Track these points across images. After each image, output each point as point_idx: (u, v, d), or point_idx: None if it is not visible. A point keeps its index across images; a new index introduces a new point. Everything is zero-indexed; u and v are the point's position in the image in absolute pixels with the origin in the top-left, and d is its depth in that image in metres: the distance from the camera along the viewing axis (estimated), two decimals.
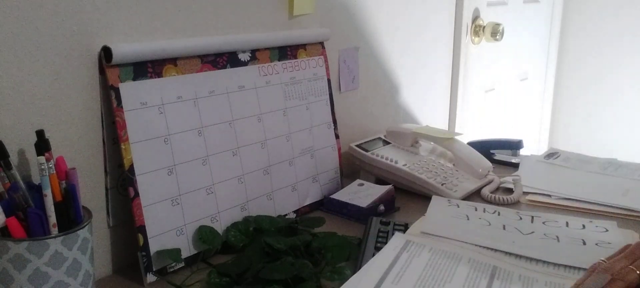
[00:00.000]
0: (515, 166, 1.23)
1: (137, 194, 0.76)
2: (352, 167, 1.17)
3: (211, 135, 0.85)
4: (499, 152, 1.29)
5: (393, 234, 0.83)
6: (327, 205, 1.02)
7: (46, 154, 0.63)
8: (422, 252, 0.78)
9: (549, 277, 0.73)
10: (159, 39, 0.82)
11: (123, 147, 0.75)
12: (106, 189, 0.79)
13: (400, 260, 0.76)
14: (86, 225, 0.64)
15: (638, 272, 0.60)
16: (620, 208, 0.98)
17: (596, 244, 0.82)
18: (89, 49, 0.74)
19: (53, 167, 0.64)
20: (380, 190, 1.01)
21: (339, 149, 1.09)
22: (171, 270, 0.79)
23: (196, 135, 0.83)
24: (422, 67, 1.49)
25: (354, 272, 0.74)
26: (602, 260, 0.64)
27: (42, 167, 0.62)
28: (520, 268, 0.75)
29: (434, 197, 1.01)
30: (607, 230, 0.88)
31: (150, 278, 0.77)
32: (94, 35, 0.74)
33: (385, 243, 0.81)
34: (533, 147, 2.38)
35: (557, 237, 0.84)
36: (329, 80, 1.07)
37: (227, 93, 0.89)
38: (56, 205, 0.63)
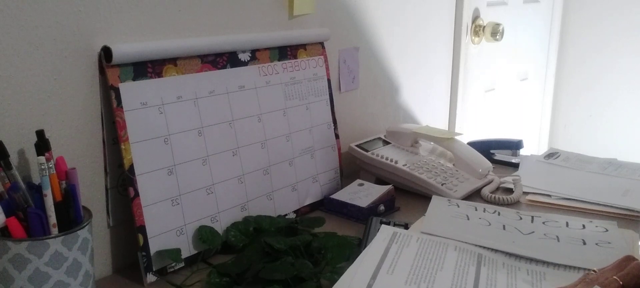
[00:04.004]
0: (515, 166, 1.23)
1: (137, 194, 0.76)
2: (352, 167, 1.17)
3: (211, 135, 0.85)
4: (499, 152, 1.29)
5: None
6: (327, 205, 1.02)
7: (46, 154, 0.63)
8: (410, 242, 0.80)
9: (529, 265, 0.76)
10: (159, 39, 0.82)
11: (123, 147, 0.75)
12: (106, 189, 0.79)
13: (391, 251, 0.77)
14: (86, 225, 0.64)
15: (621, 282, 0.62)
16: (620, 208, 0.98)
17: (596, 244, 0.82)
18: (89, 49, 0.74)
19: (53, 167, 0.64)
20: (380, 190, 1.01)
21: (339, 149, 1.09)
22: (171, 270, 0.79)
23: (196, 135, 0.83)
24: (422, 67, 1.49)
25: None
26: (593, 271, 0.65)
27: (42, 167, 0.62)
28: (503, 256, 0.79)
29: (434, 197, 1.01)
30: (607, 230, 0.88)
31: (150, 278, 0.77)
32: (94, 35, 0.74)
33: None
34: (533, 147, 2.38)
35: (557, 237, 0.85)
36: (329, 80, 1.07)
37: (227, 93, 0.89)
38: (56, 205, 0.63)
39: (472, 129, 1.77)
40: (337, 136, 1.09)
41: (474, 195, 1.06)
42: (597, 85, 2.39)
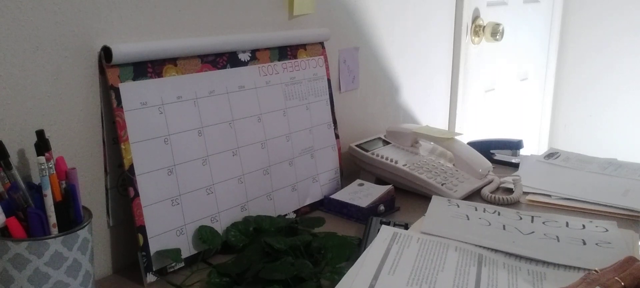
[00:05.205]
0: (515, 166, 1.23)
1: (137, 194, 0.76)
2: (352, 167, 1.17)
3: (211, 135, 0.85)
4: (499, 152, 1.29)
5: None
6: (327, 205, 1.02)
7: (46, 154, 0.63)
8: (410, 242, 0.80)
9: (530, 265, 0.76)
10: (159, 39, 0.82)
11: (123, 147, 0.75)
12: (106, 189, 0.79)
13: (391, 252, 0.77)
14: (86, 225, 0.64)
15: (622, 283, 0.61)
16: (620, 208, 0.98)
17: (596, 244, 0.82)
18: (89, 49, 0.74)
19: (53, 167, 0.64)
20: (380, 190, 1.01)
21: (339, 149, 1.09)
22: (171, 270, 0.79)
23: (196, 135, 0.83)
24: (422, 67, 1.49)
25: None
26: (595, 271, 0.65)
27: (42, 167, 0.62)
28: (503, 256, 0.79)
29: (434, 197, 1.01)
30: (607, 230, 0.88)
31: (150, 278, 0.77)
32: (94, 35, 0.74)
33: None
34: (533, 147, 2.38)
35: (557, 237, 0.85)
36: (329, 80, 1.07)
37: (227, 93, 0.89)
38: (56, 205, 0.63)
39: (472, 129, 1.77)
40: (337, 136, 1.08)
41: (474, 195, 1.06)
42: (597, 85, 2.39)
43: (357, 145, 1.15)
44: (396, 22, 1.34)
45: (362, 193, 1.01)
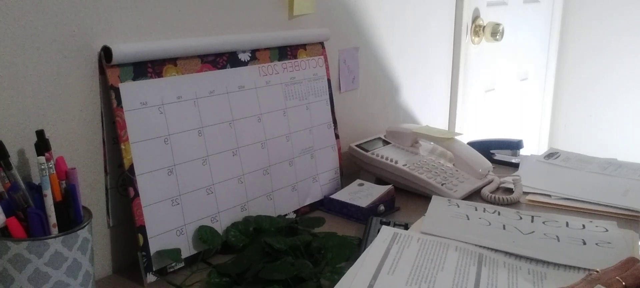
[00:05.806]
0: (515, 166, 1.23)
1: (137, 194, 0.76)
2: (352, 167, 1.17)
3: (211, 135, 0.85)
4: (499, 152, 1.29)
5: None
6: (327, 205, 1.02)
7: (46, 154, 0.63)
8: (410, 242, 0.80)
9: (530, 265, 0.76)
10: (159, 39, 0.82)
11: (123, 147, 0.75)
12: (106, 189, 0.79)
13: (391, 251, 0.77)
14: (86, 225, 0.64)
15: (624, 283, 0.62)
16: (620, 208, 0.98)
17: (596, 244, 0.82)
18: (89, 49, 0.74)
19: (53, 167, 0.64)
20: (380, 190, 1.01)
21: (339, 149, 1.09)
22: (171, 270, 0.79)
23: (196, 135, 0.83)
24: (422, 67, 1.49)
25: None
26: (596, 271, 0.65)
27: (42, 167, 0.62)
28: (503, 256, 0.79)
29: (434, 197, 1.01)
30: (607, 230, 0.88)
31: (150, 278, 0.77)
32: (94, 35, 0.74)
33: None
34: (533, 147, 2.38)
35: (557, 237, 0.85)
36: (329, 80, 1.07)
37: (227, 93, 0.89)
38: (56, 205, 0.63)
39: (472, 129, 1.77)
40: (337, 136, 1.09)
41: (474, 195, 1.06)
42: (597, 85, 2.39)
43: (357, 145, 1.15)
44: (396, 22, 1.34)
45: (362, 193, 1.01)
